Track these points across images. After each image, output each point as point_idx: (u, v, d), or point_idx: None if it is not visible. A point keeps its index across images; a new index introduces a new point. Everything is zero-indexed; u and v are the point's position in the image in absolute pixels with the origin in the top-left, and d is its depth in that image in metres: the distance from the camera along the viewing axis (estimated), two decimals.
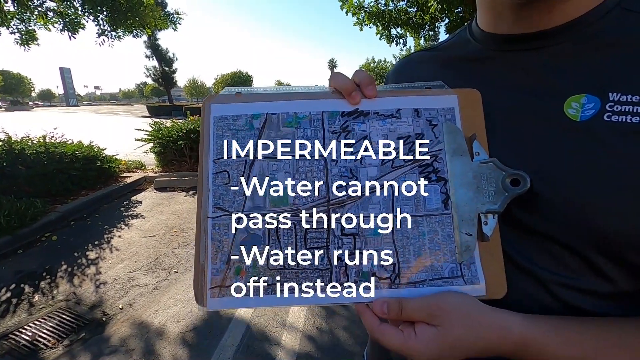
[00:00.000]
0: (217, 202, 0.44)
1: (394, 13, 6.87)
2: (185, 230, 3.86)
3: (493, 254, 0.42)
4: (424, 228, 0.43)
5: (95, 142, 5.69)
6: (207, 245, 0.43)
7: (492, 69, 0.46)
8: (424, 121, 0.45)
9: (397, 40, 7.41)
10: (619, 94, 0.36)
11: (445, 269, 0.42)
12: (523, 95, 0.42)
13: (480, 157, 0.43)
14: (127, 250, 3.42)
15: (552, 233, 0.39)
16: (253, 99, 0.47)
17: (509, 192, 0.40)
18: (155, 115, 27.76)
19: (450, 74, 0.51)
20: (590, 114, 0.37)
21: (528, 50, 0.43)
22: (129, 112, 41.17)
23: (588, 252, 0.37)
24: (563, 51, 0.41)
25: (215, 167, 0.45)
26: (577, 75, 0.39)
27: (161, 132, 6.11)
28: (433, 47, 0.59)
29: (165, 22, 7.20)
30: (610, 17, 0.39)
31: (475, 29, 0.51)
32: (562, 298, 0.40)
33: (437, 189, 0.43)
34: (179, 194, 5.22)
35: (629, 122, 0.35)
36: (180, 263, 3.14)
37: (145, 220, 4.19)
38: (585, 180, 0.36)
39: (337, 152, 0.45)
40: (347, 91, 0.45)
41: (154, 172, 6.18)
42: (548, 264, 0.40)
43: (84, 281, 2.85)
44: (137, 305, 2.54)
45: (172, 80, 36.54)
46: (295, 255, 0.43)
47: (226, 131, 0.46)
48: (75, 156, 4.92)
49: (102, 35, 6.25)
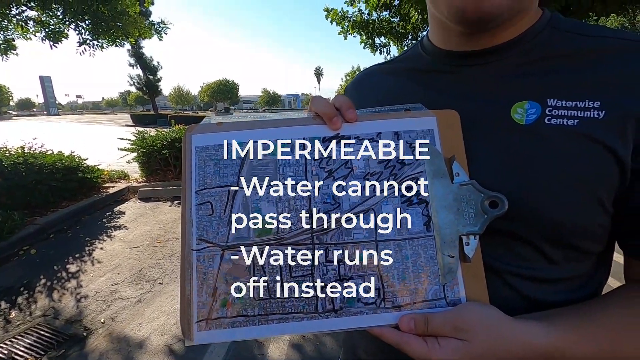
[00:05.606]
0: (200, 234, 0.44)
1: (377, 23, 7.01)
2: (170, 241, 3.80)
3: (475, 274, 0.42)
4: (407, 251, 0.43)
5: (77, 152, 5.57)
6: (192, 278, 0.43)
7: (445, 80, 0.50)
8: (404, 144, 0.45)
9: (381, 49, 7.56)
10: (556, 100, 0.41)
11: (429, 292, 0.42)
12: (474, 103, 0.46)
13: (460, 179, 0.43)
14: (110, 262, 3.34)
15: (505, 226, 0.42)
16: (234, 127, 0.47)
17: (488, 214, 0.41)
18: (140, 124, 27.26)
19: (409, 84, 0.54)
20: (533, 118, 0.42)
21: (476, 65, 0.48)
22: (112, 121, 40.41)
23: (539, 241, 0.42)
24: (506, 65, 0.45)
25: (198, 198, 0.45)
26: (520, 85, 0.44)
27: (145, 141, 6.02)
28: (390, 60, 0.63)
29: (150, 31, 7.15)
30: (543, 35, 0.45)
31: (427, 44, 0.55)
32: (517, 288, 0.43)
33: (419, 212, 0.43)
34: (164, 204, 5.14)
35: (565, 125, 0.40)
36: (164, 274, 3.09)
37: (129, 231, 4.11)
38: (532, 177, 0.41)
39: (319, 179, 0.45)
40: (328, 116, 0.45)
41: (137, 182, 6.08)
42: (503, 256, 0.43)
43: (64, 295, 2.77)
44: (119, 318, 2.48)
45: (156, 88, 36.11)
46: (281, 285, 0.43)
47: (208, 161, 0.45)
48: (55, 167, 4.79)
49: (83, 44, 6.16)
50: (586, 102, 0.39)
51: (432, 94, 0.50)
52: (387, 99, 0.55)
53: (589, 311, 0.41)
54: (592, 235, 0.42)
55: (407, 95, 0.52)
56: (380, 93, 0.58)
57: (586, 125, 0.39)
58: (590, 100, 0.39)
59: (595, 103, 0.39)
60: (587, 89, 0.40)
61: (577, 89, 0.40)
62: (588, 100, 0.39)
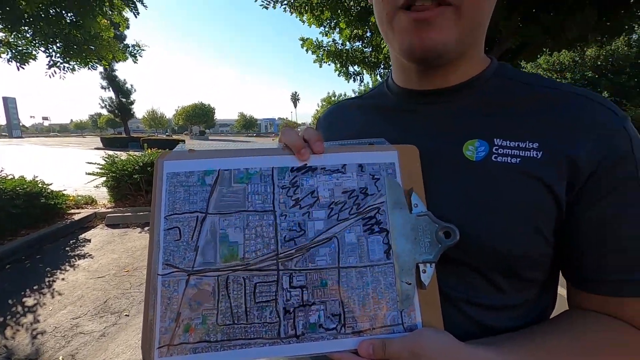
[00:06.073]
0: (167, 258, 0.44)
1: (350, 52, 7.32)
2: (138, 269, 3.63)
3: (430, 301, 0.44)
4: (368, 278, 0.44)
5: (40, 177, 5.31)
6: (156, 303, 0.43)
7: (407, 117, 0.55)
8: (367, 176, 0.48)
9: (354, 77, 7.85)
10: (501, 139, 0.46)
11: (388, 317, 0.44)
12: (432, 140, 0.50)
13: (418, 209, 0.46)
14: (72, 294, 3.14)
15: (457, 256, 0.45)
16: (205, 155, 0.48)
17: (442, 243, 0.44)
18: (110, 147, 26.44)
19: (375, 120, 0.59)
20: (482, 155, 0.46)
21: (433, 103, 0.53)
22: (80, 143, 38.95)
23: (487, 270, 0.45)
24: (459, 106, 0.51)
25: (167, 223, 0.45)
26: (471, 124, 0.49)
27: (115, 165, 5.83)
28: (359, 96, 0.69)
29: (124, 54, 7.08)
30: (491, 81, 0.51)
31: (391, 84, 0.60)
32: (469, 314, 0.46)
33: (380, 240, 0.45)
34: (133, 230, 4.94)
35: (509, 162, 0.45)
36: (131, 305, 2.93)
37: (94, 260, 3.89)
38: (480, 209, 0.45)
39: (286, 207, 0.46)
40: (297, 148, 0.47)
41: (105, 208, 5.83)
42: (456, 284, 0.47)
43: (19, 332, 2.55)
44: (80, 355, 2.31)
45: (129, 111, 35.31)
46: (245, 310, 0.43)
47: (178, 187, 0.46)
48: (15, 192, 4.52)
49: (53, 66, 5.98)
50: (527, 143, 0.44)
51: (396, 130, 0.54)
52: (355, 133, 0.59)
53: (536, 336, 0.44)
54: (535, 264, 0.46)
55: (374, 130, 0.56)
56: (349, 127, 0.63)
57: (527, 163, 0.44)
58: (530, 142, 0.44)
59: (534, 144, 0.44)
60: (528, 131, 0.45)
61: (519, 131, 0.45)
62: (528, 142, 0.44)
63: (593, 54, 17.80)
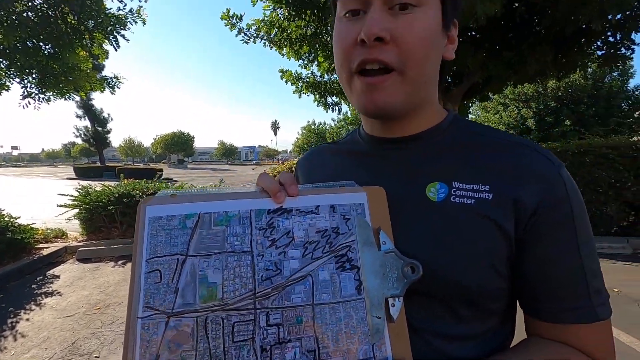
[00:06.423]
0: (147, 301, 0.45)
1: (328, 84, 7.58)
2: (111, 306, 3.46)
3: (400, 333, 0.46)
4: (341, 313, 0.46)
5: (7, 210, 5.08)
6: (135, 346, 0.43)
7: (375, 162, 0.61)
8: (339, 216, 0.50)
9: (333, 107, 8.08)
10: (459, 182, 0.52)
11: (360, 351, 0.45)
12: (397, 182, 0.56)
13: (385, 247, 0.49)
14: (37, 335, 2.94)
15: (425, 290, 0.50)
16: (187, 199, 0.50)
17: (407, 278, 0.47)
18: (84, 178, 25.56)
19: (348, 164, 0.65)
20: (443, 196, 0.52)
21: (396, 149, 0.59)
22: (52, 173, 37.47)
23: (450, 302, 0.50)
24: (421, 152, 0.57)
25: (148, 266, 0.46)
26: (433, 168, 0.55)
27: (89, 196, 5.65)
28: (336, 141, 0.75)
29: (102, 85, 7.03)
30: (449, 130, 0.58)
31: (362, 131, 0.67)
32: (434, 345, 0.50)
33: (351, 277, 0.48)
34: (106, 265, 4.73)
35: (466, 203, 0.50)
36: (102, 346, 2.77)
37: (63, 298, 3.69)
38: (441, 246, 0.50)
39: (263, 247, 0.48)
40: (273, 191, 0.50)
41: (77, 241, 5.59)
42: (422, 316, 0.51)
43: None
44: None
45: (105, 140, 34.54)
46: (222, 350, 0.44)
47: (160, 231, 0.48)
48: None
49: (28, 97, 5.85)
50: (480, 186, 0.50)
51: (367, 173, 0.60)
52: (331, 175, 0.65)
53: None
54: (493, 296, 0.51)
55: (347, 173, 0.62)
56: (326, 170, 0.69)
57: (480, 204, 0.50)
58: (482, 184, 0.50)
59: (486, 187, 0.50)
60: (481, 175, 0.51)
61: (473, 175, 0.51)
62: (481, 184, 0.50)
63: (554, 85, 19.16)
